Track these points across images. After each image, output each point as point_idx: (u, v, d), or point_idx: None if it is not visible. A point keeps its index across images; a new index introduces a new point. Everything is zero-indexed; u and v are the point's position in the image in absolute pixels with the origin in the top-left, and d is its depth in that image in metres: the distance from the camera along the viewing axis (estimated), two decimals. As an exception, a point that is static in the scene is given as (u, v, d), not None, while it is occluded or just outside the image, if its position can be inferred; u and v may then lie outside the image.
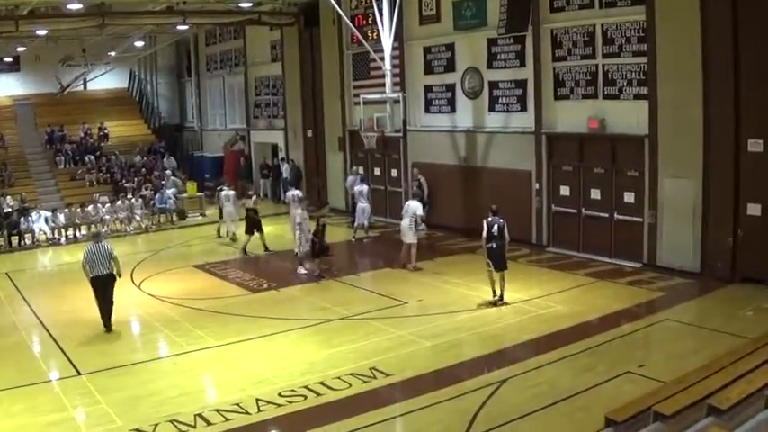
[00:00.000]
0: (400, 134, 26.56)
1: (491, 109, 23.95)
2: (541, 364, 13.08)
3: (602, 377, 12.23)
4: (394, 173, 27.87)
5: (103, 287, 15.81)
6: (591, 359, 13.19)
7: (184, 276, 21.36)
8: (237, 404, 11.90)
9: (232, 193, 26.35)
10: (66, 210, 29.02)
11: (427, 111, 26.51)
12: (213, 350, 14.62)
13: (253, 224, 23.72)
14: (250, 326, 16.01)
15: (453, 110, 25.46)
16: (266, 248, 23.71)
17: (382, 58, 24.89)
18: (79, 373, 13.62)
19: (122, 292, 19.41)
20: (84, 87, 41.96)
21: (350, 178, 27.04)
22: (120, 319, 17.07)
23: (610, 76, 20.19)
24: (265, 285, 19.76)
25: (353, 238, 25.12)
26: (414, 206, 20.46)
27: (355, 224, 25.28)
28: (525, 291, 17.73)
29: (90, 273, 15.87)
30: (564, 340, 14.19)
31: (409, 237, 20.32)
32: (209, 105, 42.10)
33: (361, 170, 27.70)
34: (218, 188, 28.33)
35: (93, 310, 16.51)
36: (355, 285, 19.49)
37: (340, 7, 27.63)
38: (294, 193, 24.72)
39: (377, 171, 28.46)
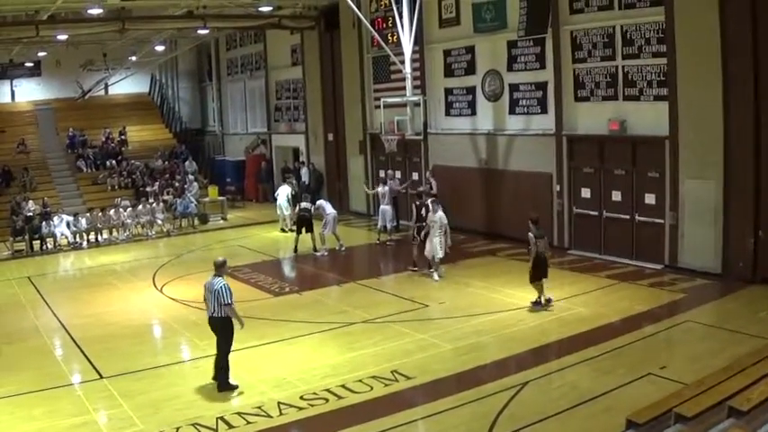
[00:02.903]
0: (421, 137, 26.64)
1: (512, 111, 23.98)
2: (563, 367, 13.10)
3: (623, 379, 12.23)
4: (415, 176, 27.91)
5: (214, 331, 13.32)
6: (612, 361, 13.20)
7: (206, 280, 21.24)
8: (259, 407, 11.99)
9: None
10: (88, 214, 29.22)
11: (448, 113, 26.55)
12: (235, 353, 14.51)
13: (303, 223, 23.94)
14: (271, 329, 16.05)
15: (474, 112, 25.49)
16: (315, 249, 23.87)
17: (402, 62, 25.00)
18: (101, 377, 13.75)
19: (144, 295, 19.94)
20: (106, 92, 42.34)
21: (380, 188, 26.11)
22: (142, 323, 17.26)
23: (630, 77, 20.15)
24: (287, 289, 19.85)
25: (378, 240, 25.20)
26: (441, 216, 20.00)
27: (378, 226, 25.35)
28: (547, 293, 17.54)
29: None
30: (586, 342, 14.20)
31: (438, 250, 19.73)
32: (230, 109, 42.29)
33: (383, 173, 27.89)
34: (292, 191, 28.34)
35: (115, 314, 16.63)
36: (377, 288, 19.53)
37: (360, 11, 27.71)
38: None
39: (398, 174, 28.47)
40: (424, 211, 20.91)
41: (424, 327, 15.80)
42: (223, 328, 12.93)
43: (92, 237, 28.60)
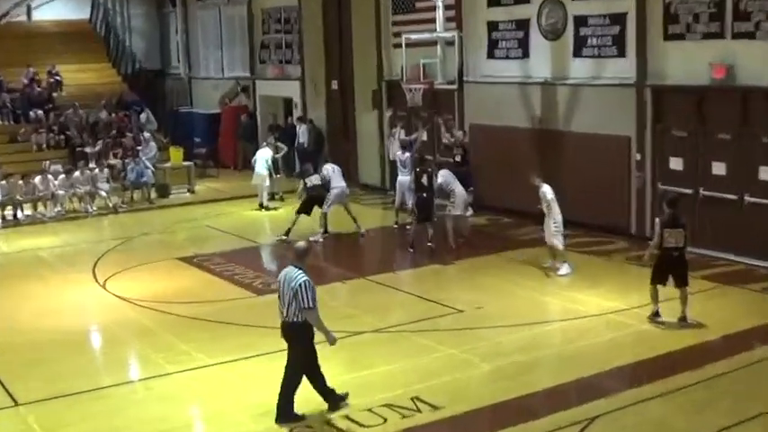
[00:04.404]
0: (455, 86, 26.51)
1: (577, 53, 23.92)
2: (642, 399, 13.03)
3: (726, 419, 12.14)
4: (446, 138, 27.53)
5: (285, 341, 13.02)
6: (710, 393, 13.14)
7: (165, 272, 21.55)
8: (234, 444, 11.85)
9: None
10: (4, 182, 28.79)
11: (491, 56, 26.45)
12: (202, 371, 14.73)
13: (315, 202, 24.20)
14: (252, 339, 16.05)
15: (526, 55, 25.44)
16: (326, 231, 24.22)
17: (432, -15, 24.99)
18: (16, 404, 13.68)
19: (81, 292, 19.94)
20: (29, 17, 42.24)
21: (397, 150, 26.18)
22: (77, 329, 17.26)
23: (742, 7, 19.98)
24: (273, 285, 19.41)
25: (396, 223, 25.30)
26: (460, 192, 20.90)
27: (395, 203, 25.40)
28: (621, 298, 17.73)
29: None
30: (673, 367, 14.15)
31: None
32: (200, 45, 42.29)
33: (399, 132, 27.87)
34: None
35: (40, 317, 16.82)
36: (393, 287, 19.57)
37: None
38: (331, 166, 24.95)
39: (423, 136, 28.24)
40: (425, 178, 21.62)
41: (455, 339, 15.80)
42: (299, 338, 12.63)
43: (8, 212, 28.50)
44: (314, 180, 24.31)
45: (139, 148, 33.23)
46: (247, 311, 17.87)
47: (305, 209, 24.24)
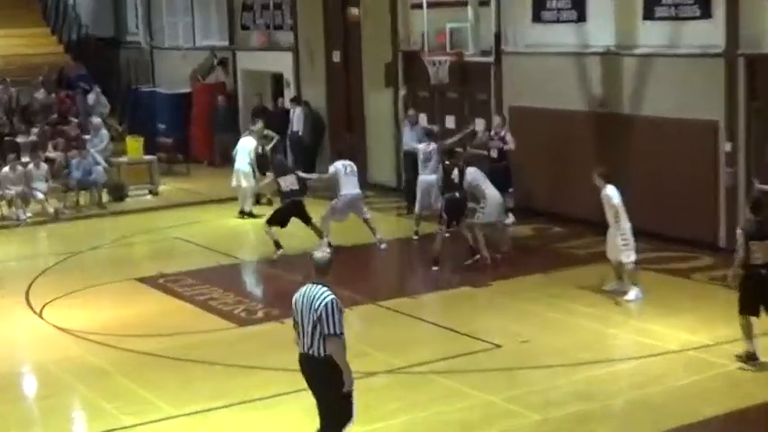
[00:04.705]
0: (490, 59, 26.75)
1: (648, 15, 23.98)
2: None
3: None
4: (479, 125, 27.71)
5: (309, 382, 12.95)
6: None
7: (121, 297, 21.62)
8: None
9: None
10: None
11: (537, 19, 26.61)
12: (168, 424, 14.74)
13: (292, 212, 24.15)
14: (233, 383, 16.09)
15: (582, 17, 25.52)
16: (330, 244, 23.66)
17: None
18: None
19: (11, 321, 20.08)
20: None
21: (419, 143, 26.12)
22: (6, 369, 17.28)
23: None
24: (260, 313, 20.01)
25: (416, 233, 25.36)
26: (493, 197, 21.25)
27: (416, 209, 25.37)
28: (705, 330, 17.74)
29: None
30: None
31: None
32: (164, 7, 42.54)
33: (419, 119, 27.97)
34: None
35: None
36: (413, 315, 19.65)
37: None
38: (342, 164, 24.79)
39: (449, 122, 28.56)
40: (456, 174, 21.74)
41: (493, 382, 15.82)
42: (328, 378, 12.40)
43: None
44: (290, 183, 24.16)
45: (87, 137, 33.32)
46: (226, 347, 17.93)
47: (279, 220, 24.08)
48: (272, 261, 23.97)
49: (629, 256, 19.65)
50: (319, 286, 12.21)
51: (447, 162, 22.39)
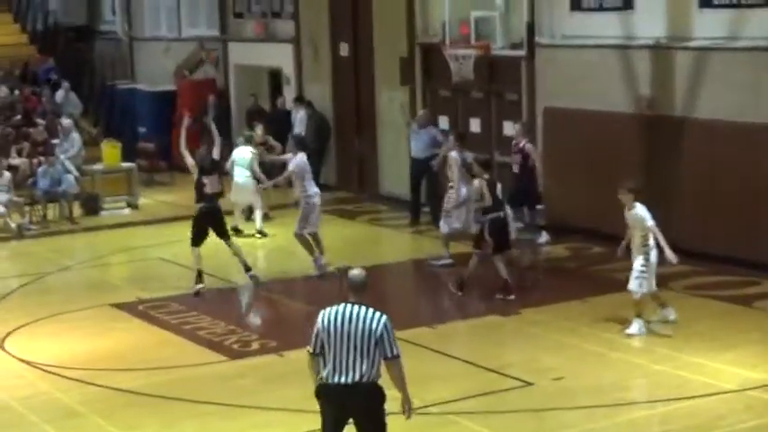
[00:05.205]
0: (522, 52, 26.18)
1: (705, 2, 23.33)
2: None
3: None
4: (508, 129, 26.96)
5: (344, 416, 12.11)
6: None
7: (95, 326, 20.98)
8: None
9: None
10: None
11: (576, 6, 26.05)
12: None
13: (206, 222, 22.79)
14: (222, 425, 15.61)
15: (629, 4, 24.93)
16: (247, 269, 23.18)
17: None
18: None
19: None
20: None
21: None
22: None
23: None
24: (255, 345, 19.43)
25: (448, 259, 24.36)
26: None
27: (443, 231, 24.10)
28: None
29: (319, 373, 12.39)
30: None
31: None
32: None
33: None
34: None
35: None
36: (431, 348, 18.89)
37: None
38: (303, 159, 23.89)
39: (474, 125, 27.72)
40: (500, 190, 21.00)
41: (524, 424, 15.41)
42: (378, 407, 11.82)
43: None
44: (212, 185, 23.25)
45: (55, 141, 32.78)
46: (217, 383, 17.33)
47: (196, 237, 22.70)
48: (263, 284, 23.05)
49: (640, 285, 18.78)
50: (363, 306, 11.86)
51: (487, 177, 21.42)
